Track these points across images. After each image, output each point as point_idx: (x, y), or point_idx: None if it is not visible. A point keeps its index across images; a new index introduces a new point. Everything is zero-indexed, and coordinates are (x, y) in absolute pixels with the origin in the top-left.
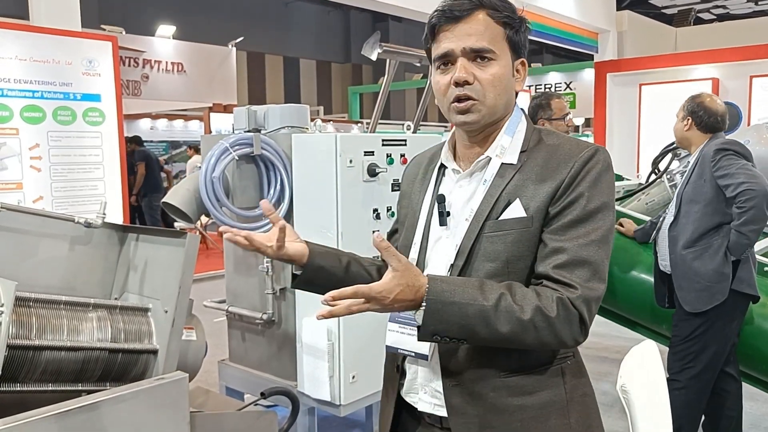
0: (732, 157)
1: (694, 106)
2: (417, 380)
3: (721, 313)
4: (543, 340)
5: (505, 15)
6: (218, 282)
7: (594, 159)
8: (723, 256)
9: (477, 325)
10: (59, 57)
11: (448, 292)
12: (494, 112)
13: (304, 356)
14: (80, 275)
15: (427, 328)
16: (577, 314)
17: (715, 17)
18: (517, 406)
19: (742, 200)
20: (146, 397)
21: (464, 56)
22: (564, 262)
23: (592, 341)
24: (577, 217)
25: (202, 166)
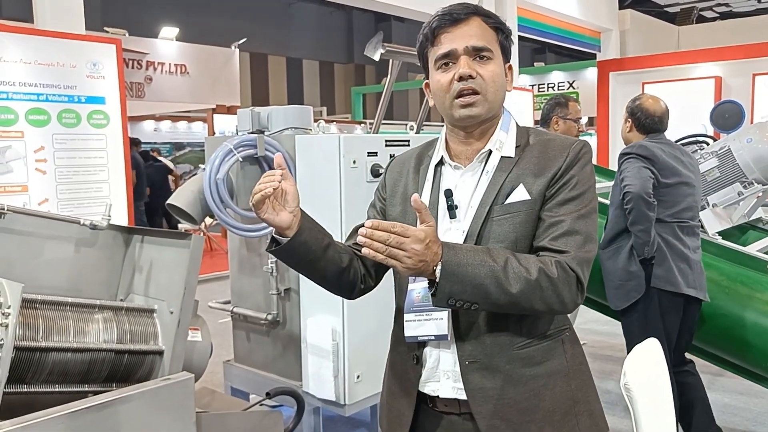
0: (631, 160)
1: (634, 107)
2: (438, 367)
3: (647, 309)
4: (547, 300)
5: (496, 21)
6: (222, 283)
7: (583, 150)
8: (627, 255)
9: (489, 285)
10: (64, 60)
11: (461, 255)
12: (493, 107)
13: (308, 356)
14: (86, 277)
15: (443, 291)
16: (575, 275)
17: (718, 15)
18: (530, 376)
19: (626, 200)
20: (152, 398)
21: (466, 54)
22: (560, 234)
23: (596, 340)
24: (570, 196)
25: (206, 168)
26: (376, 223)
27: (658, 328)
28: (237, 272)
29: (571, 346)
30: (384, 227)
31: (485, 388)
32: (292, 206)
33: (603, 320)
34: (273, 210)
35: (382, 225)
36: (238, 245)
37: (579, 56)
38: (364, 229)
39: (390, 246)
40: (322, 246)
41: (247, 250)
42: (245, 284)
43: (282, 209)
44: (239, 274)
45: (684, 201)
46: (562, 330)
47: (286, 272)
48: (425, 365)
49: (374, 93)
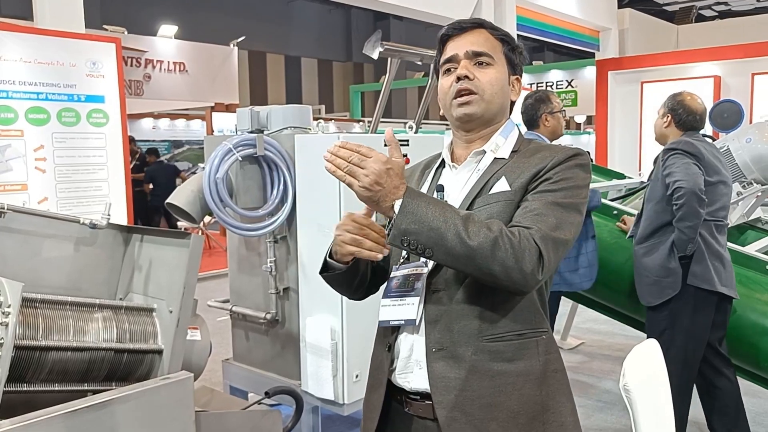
0: (677, 156)
1: (675, 103)
2: (412, 357)
3: (681, 307)
4: (506, 263)
5: (502, 33)
6: (221, 281)
7: (576, 156)
8: (667, 251)
9: (446, 231)
10: (63, 59)
11: (424, 197)
12: (491, 108)
13: (307, 355)
14: (85, 276)
15: (399, 227)
16: (537, 248)
17: (717, 14)
18: (497, 371)
19: (676, 197)
20: (152, 397)
21: (466, 58)
22: (530, 214)
23: (594, 339)
24: (549, 188)
25: (206, 167)
26: (345, 142)
27: (685, 325)
28: (236, 271)
29: (547, 350)
30: (350, 146)
31: (448, 377)
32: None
33: (601, 320)
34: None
35: (349, 144)
36: (237, 244)
37: (577, 55)
38: (333, 146)
39: (351, 163)
40: (361, 268)
41: (247, 249)
42: (244, 283)
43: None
44: (238, 273)
45: (720, 200)
46: (538, 332)
47: (285, 272)
48: (399, 355)
49: (373, 91)
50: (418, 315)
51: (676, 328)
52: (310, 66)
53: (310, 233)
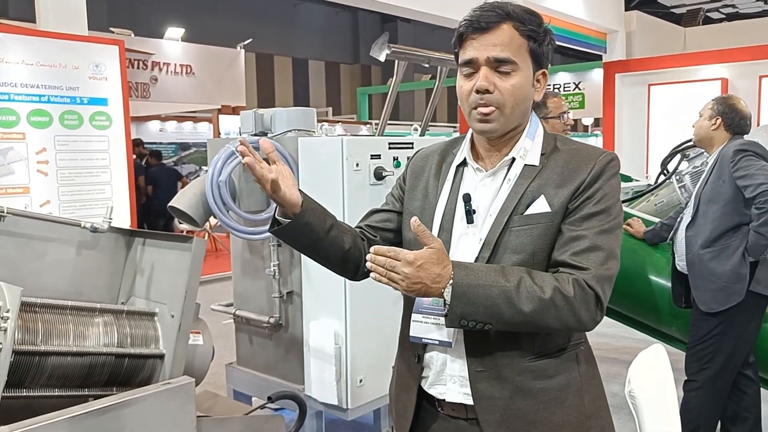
0: (752, 158)
1: (726, 107)
2: (445, 371)
3: (739, 313)
4: (563, 319)
5: (529, 28)
6: (228, 283)
7: (611, 164)
8: (741, 256)
9: (501, 305)
10: (66, 61)
11: (473, 275)
12: (511, 121)
13: (311, 360)
14: (87, 280)
15: (455, 312)
16: (593, 294)
17: (725, 16)
18: (540, 389)
19: (761, 201)
20: (153, 402)
21: (487, 65)
22: (581, 249)
23: (601, 342)
24: (593, 211)
25: (209, 170)
26: (377, 248)
27: (738, 331)
28: (240, 275)
29: (586, 360)
30: (381, 252)
31: (493, 397)
32: (292, 181)
33: (608, 322)
34: (283, 191)
35: (380, 250)
36: (241, 248)
37: (585, 57)
38: (371, 254)
39: (386, 269)
40: (325, 227)
41: (250, 253)
42: (248, 287)
43: (287, 188)
44: (242, 277)
45: None
46: (577, 344)
47: (289, 275)
48: (431, 368)
49: (380, 93)
50: (453, 338)
51: (728, 333)
52: (318, 68)
53: None
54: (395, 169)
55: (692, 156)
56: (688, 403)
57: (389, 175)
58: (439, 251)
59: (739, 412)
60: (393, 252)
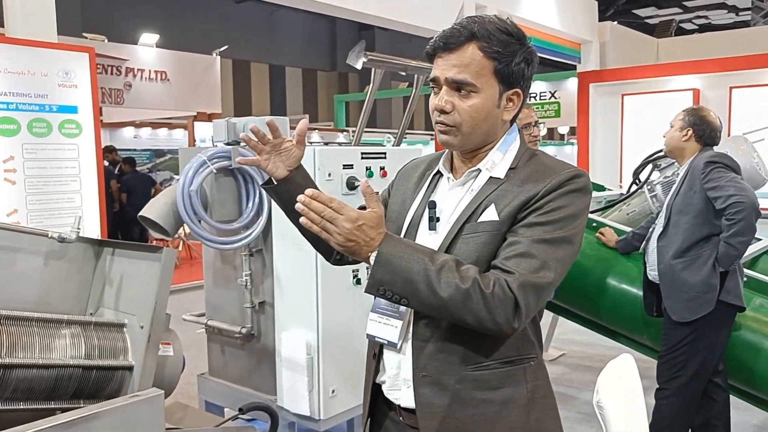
0: (722, 170)
1: (697, 119)
2: (400, 375)
3: (709, 322)
4: (478, 314)
5: (494, 50)
6: (201, 292)
7: (572, 180)
8: (711, 267)
9: (419, 282)
10: (35, 68)
11: (400, 247)
12: (471, 139)
13: (283, 370)
14: (55, 290)
15: (375, 277)
16: (513, 297)
17: (697, 27)
18: (480, 400)
19: (731, 212)
20: (121, 415)
21: (447, 85)
22: (513, 254)
23: (575, 350)
24: (538, 221)
25: (180, 179)
26: (316, 193)
27: (709, 340)
28: (212, 284)
29: (535, 376)
30: (322, 199)
31: (434, 403)
32: (292, 165)
33: (582, 331)
34: (273, 163)
35: (321, 197)
36: (213, 258)
37: (560, 67)
38: (303, 196)
39: (324, 218)
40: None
41: (222, 263)
42: (220, 297)
43: (281, 165)
44: (214, 287)
45: None
46: (527, 358)
47: (261, 285)
48: (388, 371)
49: (357, 101)
50: (399, 339)
51: (699, 342)
52: (295, 75)
53: (285, 246)
54: (368, 179)
55: (664, 166)
56: (660, 411)
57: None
58: (380, 217)
59: (710, 419)
60: (337, 204)
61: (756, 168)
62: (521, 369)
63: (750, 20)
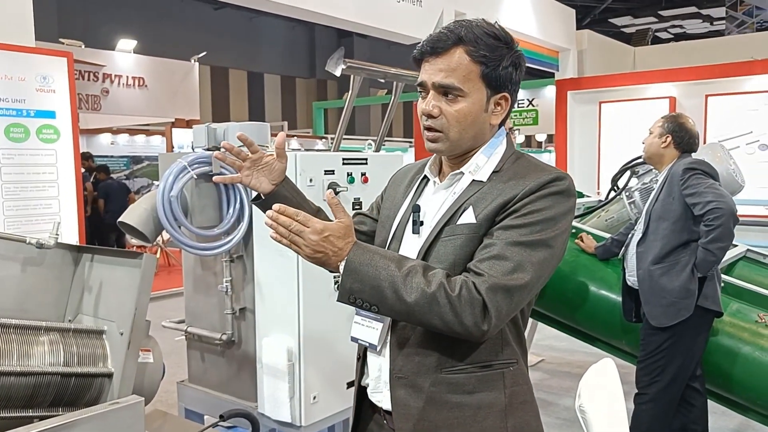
0: (700, 176)
1: (676, 126)
2: (381, 378)
3: (687, 328)
4: (444, 317)
5: (481, 54)
6: (180, 299)
7: (552, 183)
8: (690, 272)
9: (386, 289)
10: (12, 73)
11: (367, 256)
12: (459, 144)
13: (264, 377)
14: (32, 297)
15: (344, 286)
16: (480, 299)
17: (673, 36)
18: (455, 403)
19: (710, 218)
20: (100, 423)
21: (434, 90)
22: (485, 257)
23: (554, 356)
24: (514, 223)
25: (160, 185)
26: (283, 207)
27: (687, 345)
28: (192, 291)
29: (514, 381)
30: (289, 213)
31: (408, 405)
32: (277, 179)
33: (561, 337)
34: (256, 179)
35: (287, 211)
36: (193, 264)
37: (538, 74)
38: (270, 211)
39: (291, 232)
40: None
41: (202, 269)
42: (200, 303)
43: (265, 179)
44: (194, 293)
45: None
46: (506, 363)
47: (242, 291)
48: (371, 374)
49: (336, 108)
50: (379, 342)
51: (677, 347)
52: (273, 82)
53: (266, 253)
54: (349, 185)
55: (641, 172)
56: (639, 416)
57: (343, 190)
58: (347, 227)
59: (688, 424)
60: (303, 217)
61: (732, 174)
62: (499, 374)
63: (724, 29)
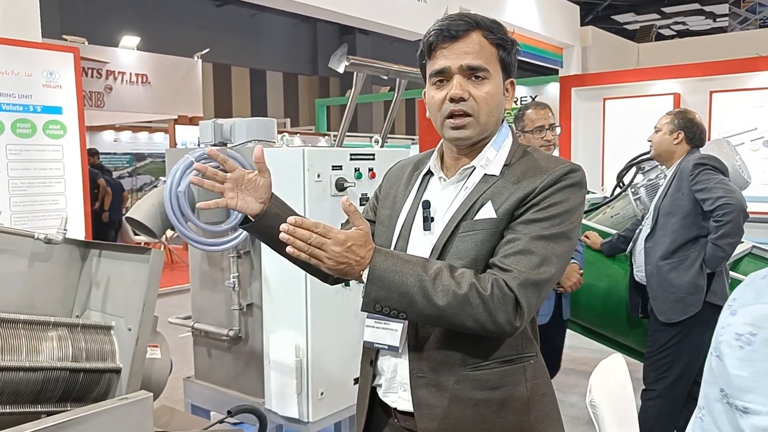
0: (710, 172)
1: (687, 122)
2: (396, 378)
3: (695, 324)
4: (478, 318)
5: (498, 36)
6: (183, 296)
7: (568, 175)
8: (699, 268)
9: (415, 294)
10: (19, 68)
11: (391, 261)
12: (486, 129)
13: (271, 373)
14: (40, 293)
15: (370, 295)
16: (513, 296)
17: (676, 33)
18: (479, 400)
19: (720, 214)
20: (109, 418)
21: (460, 73)
22: (511, 252)
23: None
24: (535, 217)
25: (167, 181)
26: (300, 220)
27: (695, 341)
28: (198, 287)
29: (535, 374)
30: (307, 225)
31: (432, 405)
32: (263, 196)
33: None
34: (242, 200)
35: (305, 223)
36: (200, 259)
37: (541, 71)
38: (286, 225)
39: (311, 245)
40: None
41: (209, 265)
42: (207, 299)
43: (251, 199)
44: (200, 289)
45: None
46: (526, 357)
47: (249, 287)
48: (384, 375)
49: (338, 105)
50: (401, 343)
51: (685, 343)
52: (276, 79)
53: None
54: (356, 180)
55: (647, 169)
56: (646, 412)
57: (351, 186)
58: (366, 234)
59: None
60: (322, 228)
61: (739, 170)
62: (521, 368)
63: (727, 26)
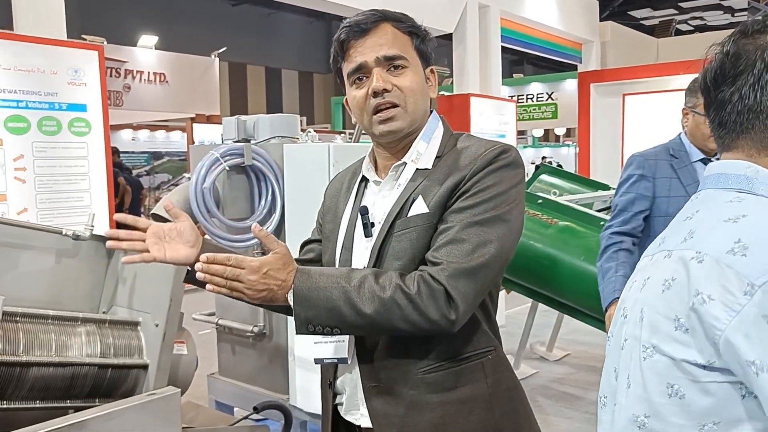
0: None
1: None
2: (357, 395)
3: None
4: (409, 318)
5: (409, 25)
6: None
7: (499, 157)
8: None
9: (342, 307)
10: (44, 66)
11: (314, 279)
12: (414, 119)
13: (296, 369)
14: (67, 288)
15: (300, 317)
16: (442, 289)
17: (693, 28)
18: (438, 403)
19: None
20: (137, 414)
21: (378, 66)
22: (441, 244)
23: (578, 350)
24: (466, 204)
25: (193, 177)
26: (211, 256)
27: None
28: None
29: (495, 370)
30: (219, 260)
31: (389, 414)
32: (190, 239)
33: (584, 330)
34: (171, 249)
35: (217, 258)
36: None
37: (555, 67)
38: (200, 263)
39: (228, 278)
40: None
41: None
42: None
43: (180, 246)
44: None
45: None
46: (483, 352)
47: None
48: (344, 393)
49: None
50: (350, 353)
51: None
52: (291, 78)
53: (298, 244)
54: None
55: None
56: None
57: None
58: (285, 256)
59: None
60: (234, 260)
61: None
62: (478, 365)
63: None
